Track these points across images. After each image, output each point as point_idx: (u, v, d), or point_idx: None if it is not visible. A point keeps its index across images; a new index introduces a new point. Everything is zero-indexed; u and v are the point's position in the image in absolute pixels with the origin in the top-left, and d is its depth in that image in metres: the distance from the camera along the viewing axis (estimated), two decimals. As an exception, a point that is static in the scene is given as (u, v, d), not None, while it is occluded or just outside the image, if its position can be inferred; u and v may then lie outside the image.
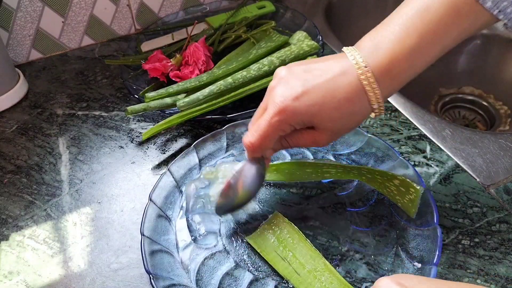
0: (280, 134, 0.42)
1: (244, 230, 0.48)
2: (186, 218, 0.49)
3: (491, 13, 0.37)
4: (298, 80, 0.40)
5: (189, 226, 0.49)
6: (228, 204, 0.46)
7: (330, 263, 0.44)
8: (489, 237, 0.46)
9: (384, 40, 0.39)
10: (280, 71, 0.42)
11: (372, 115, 0.41)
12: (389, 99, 0.64)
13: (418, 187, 0.43)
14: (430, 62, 0.40)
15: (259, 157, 0.45)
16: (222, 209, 0.47)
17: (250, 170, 0.45)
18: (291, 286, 0.43)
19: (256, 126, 0.41)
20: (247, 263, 0.45)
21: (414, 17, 0.38)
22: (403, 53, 0.38)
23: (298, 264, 0.44)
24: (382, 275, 0.43)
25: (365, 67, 0.38)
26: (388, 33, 0.39)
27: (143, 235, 0.45)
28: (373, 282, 0.43)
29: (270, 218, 0.48)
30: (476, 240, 0.46)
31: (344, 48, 0.41)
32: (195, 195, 0.50)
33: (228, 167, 0.49)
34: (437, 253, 0.41)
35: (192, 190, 0.50)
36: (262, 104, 0.43)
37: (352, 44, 0.41)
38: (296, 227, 0.46)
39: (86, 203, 0.53)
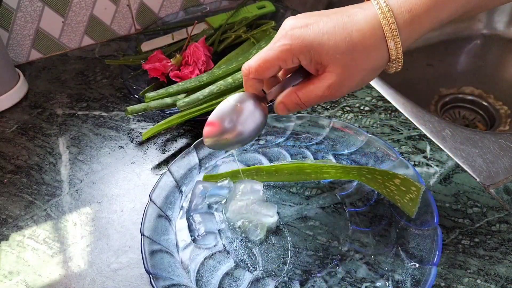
0: (281, 64, 0.38)
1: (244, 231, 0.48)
2: (187, 217, 0.49)
3: None
4: (312, 15, 0.38)
5: (189, 226, 0.49)
6: (219, 135, 0.41)
7: (330, 263, 0.44)
8: (489, 237, 0.46)
9: None
10: (299, 14, 0.40)
11: (392, 70, 0.39)
12: (389, 99, 0.64)
13: (419, 185, 0.43)
14: (454, 16, 0.38)
15: (259, 94, 0.41)
16: (210, 140, 0.41)
17: (248, 106, 0.40)
18: (291, 286, 0.43)
19: (259, 53, 0.39)
20: (247, 263, 0.45)
21: None
22: (428, 6, 0.36)
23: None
24: (382, 275, 0.43)
25: (389, 11, 0.36)
26: None
27: (143, 235, 0.45)
28: (373, 282, 0.43)
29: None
30: (476, 240, 0.46)
31: None
32: (200, 195, 0.50)
33: (247, 186, 0.49)
34: (437, 253, 0.41)
35: (198, 190, 0.50)
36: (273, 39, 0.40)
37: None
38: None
39: (86, 203, 0.53)
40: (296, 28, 0.37)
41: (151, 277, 0.41)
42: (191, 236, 0.48)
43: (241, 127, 0.40)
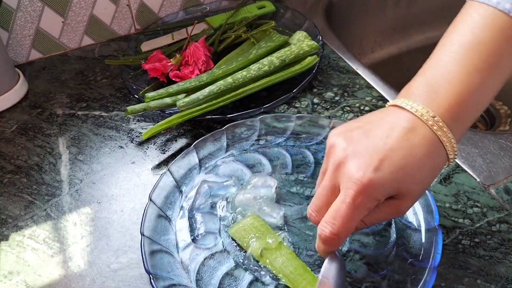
0: (364, 213, 0.35)
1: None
2: (189, 217, 0.49)
3: None
4: (367, 148, 0.35)
5: (190, 225, 0.49)
6: None
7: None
8: (489, 237, 0.46)
9: (441, 83, 0.36)
10: (337, 141, 0.37)
11: (445, 164, 0.37)
12: (389, 99, 0.63)
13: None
14: (494, 95, 0.37)
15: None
16: None
17: (338, 272, 0.37)
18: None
19: (334, 213, 0.35)
20: (247, 263, 0.45)
21: (468, 53, 0.36)
22: (469, 92, 0.35)
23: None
24: (382, 275, 0.43)
25: (433, 117, 0.35)
26: (444, 74, 0.36)
27: (143, 235, 0.45)
28: (373, 282, 0.43)
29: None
30: (476, 240, 0.46)
31: (396, 101, 0.37)
32: (204, 195, 0.50)
33: (261, 179, 0.50)
34: (437, 253, 0.41)
35: (203, 189, 0.50)
36: (326, 184, 0.37)
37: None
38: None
39: (86, 203, 0.53)
40: (369, 173, 0.34)
41: (151, 277, 0.41)
42: (191, 236, 0.48)
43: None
